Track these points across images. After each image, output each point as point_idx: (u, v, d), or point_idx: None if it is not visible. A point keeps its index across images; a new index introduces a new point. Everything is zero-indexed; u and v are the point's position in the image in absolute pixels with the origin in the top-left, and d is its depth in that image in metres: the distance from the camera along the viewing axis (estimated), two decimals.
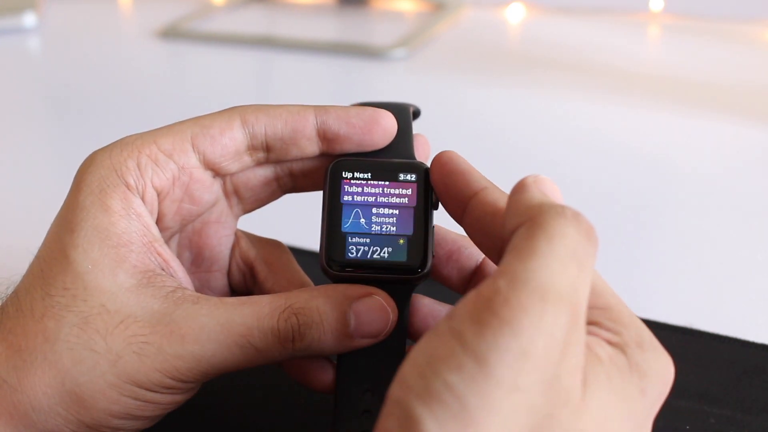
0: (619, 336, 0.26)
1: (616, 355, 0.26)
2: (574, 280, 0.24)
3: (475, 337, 0.22)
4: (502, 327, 0.22)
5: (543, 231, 0.25)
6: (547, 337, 0.23)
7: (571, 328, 0.23)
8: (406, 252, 0.32)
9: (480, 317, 0.23)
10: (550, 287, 0.23)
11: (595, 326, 0.26)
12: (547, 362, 0.23)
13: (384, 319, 0.32)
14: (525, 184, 0.28)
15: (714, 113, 0.71)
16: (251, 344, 0.30)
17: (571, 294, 0.24)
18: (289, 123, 0.33)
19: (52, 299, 0.31)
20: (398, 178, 0.33)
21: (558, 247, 0.24)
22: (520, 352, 0.22)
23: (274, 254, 0.37)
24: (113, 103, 0.80)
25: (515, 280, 0.23)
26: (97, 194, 0.32)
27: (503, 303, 0.23)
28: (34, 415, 0.30)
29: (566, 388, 0.23)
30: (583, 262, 0.25)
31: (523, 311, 0.23)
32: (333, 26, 1.02)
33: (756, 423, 0.37)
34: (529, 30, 0.97)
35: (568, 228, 0.25)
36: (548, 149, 0.68)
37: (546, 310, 0.23)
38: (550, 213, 0.25)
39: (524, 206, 0.27)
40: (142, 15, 1.07)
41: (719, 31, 0.91)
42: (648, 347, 0.26)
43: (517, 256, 0.24)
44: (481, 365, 0.22)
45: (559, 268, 0.24)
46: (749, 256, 0.52)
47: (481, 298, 0.23)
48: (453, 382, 0.22)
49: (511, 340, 0.22)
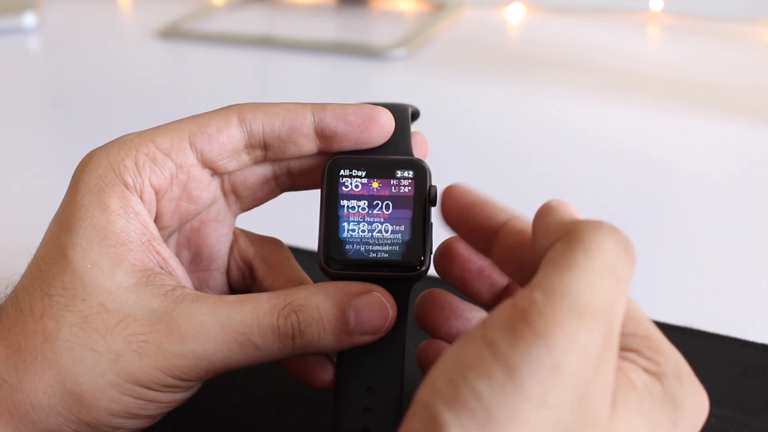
0: (658, 366, 0.26)
1: (651, 383, 0.25)
2: (611, 295, 0.24)
3: (507, 347, 0.22)
4: (536, 340, 0.22)
5: (581, 244, 0.24)
6: (581, 353, 0.22)
7: (605, 347, 0.23)
8: (405, 249, 0.32)
9: (514, 327, 0.23)
10: (587, 302, 0.23)
11: (634, 353, 0.26)
12: (579, 380, 0.22)
13: (383, 316, 0.32)
14: (552, 206, 0.28)
15: (714, 113, 0.71)
16: (251, 342, 0.30)
17: (607, 310, 0.23)
18: (287, 121, 0.33)
19: (51, 299, 0.31)
20: (396, 175, 0.33)
21: (596, 260, 0.24)
22: (552, 367, 0.22)
23: (273, 252, 0.37)
24: (113, 102, 0.80)
25: (552, 292, 0.23)
26: (95, 193, 0.32)
27: (538, 315, 0.23)
28: (35, 415, 0.30)
29: (595, 408, 0.23)
30: (621, 276, 0.24)
31: (558, 325, 0.22)
32: (333, 26, 1.02)
33: (756, 423, 0.37)
34: (529, 30, 0.97)
35: (606, 241, 0.25)
36: (548, 149, 0.68)
37: (582, 327, 0.23)
38: (588, 227, 0.25)
39: (557, 224, 0.26)
40: (142, 15, 1.07)
41: (719, 31, 0.91)
42: (685, 379, 0.26)
43: (555, 268, 0.24)
44: (512, 376, 0.22)
45: (597, 282, 0.24)
46: (749, 256, 0.52)
47: (517, 308, 0.23)
48: (481, 390, 0.22)
49: (544, 353, 0.22)
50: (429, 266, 0.33)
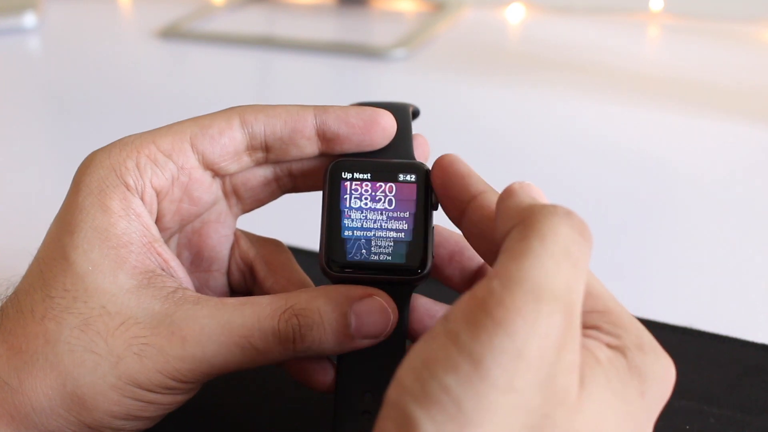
0: (619, 339, 0.26)
1: (615, 357, 0.26)
2: (568, 278, 0.24)
3: (470, 338, 0.22)
4: (497, 328, 0.22)
5: (535, 231, 0.25)
6: (542, 337, 0.23)
7: (566, 328, 0.23)
8: (406, 253, 0.32)
9: (475, 319, 0.23)
10: (545, 287, 0.23)
11: (595, 330, 0.26)
12: (542, 363, 0.23)
13: (384, 320, 0.32)
14: (512, 189, 0.28)
15: (714, 113, 0.71)
16: (252, 345, 0.30)
17: (565, 293, 0.24)
18: (289, 123, 0.33)
19: (52, 301, 0.31)
20: (398, 178, 0.33)
21: (551, 246, 0.24)
22: (515, 353, 0.22)
23: (274, 254, 0.37)
24: (113, 103, 0.80)
25: (509, 280, 0.23)
26: (97, 195, 0.32)
27: (497, 304, 0.23)
28: (35, 417, 0.30)
29: (562, 387, 0.23)
30: (578, 259, 0.25)
31: (517, 312, 0.23)
32: (333, 26, 1.02)
33: (756, 423, 0.37)
34: (529, 30, 0.97)
35: (560, 226, 0.25)
36: (548, 149, 0.68)
37: (540, 311, 0.23)
38: (542, 212, 0.25)
39: (515, 209, 0.27)
40: (142, 15, 1.07)
41: (719, 31, 0.91)
42: (648, 350, 0.26)
43: (511, 257, 0.24)
44: (477, 367, 0.22)
45: (553, 267, 0.24)
46: (749, 256, 0.52)
47: (476, 299, 0.23)
48: (449, 384, 0.22)
49: (506, 341, 0.22)
50: (430, 270, 0.33)
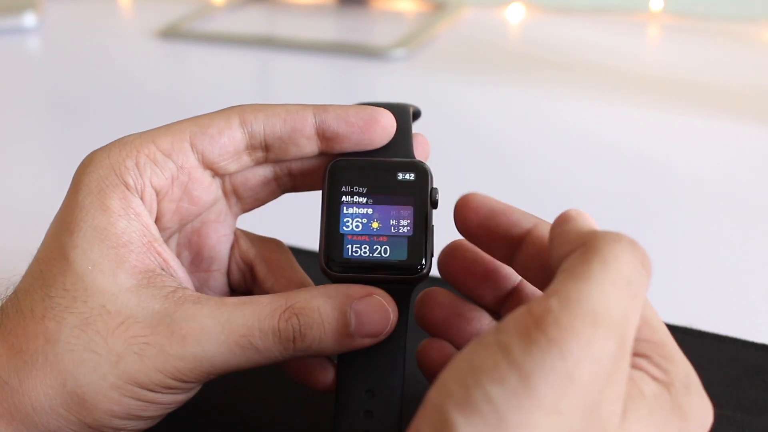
0: (667, 375, 0.26)
1: (660, 392, 0.26)
2: (626, 307, 0.24)
3: (522, 353, 0.22)
4: (551, 347, 0.22)
5: (599, 255, 0.24)
6: (594, 363, 0.23)
7: (618, 357, 0.23)
8: (406, 252, 0.32)
9: (529, 334, 0.23)
10: (602, 313, 0.23)
11: (645, 360, 0.26)
12: (591, 389, 0.22)
13: (385, 319, 0.32)
14: (570, 216, 0.28)
15: (714, 113, 0.71)
16: (252, 344, 0.30)
17: (621, 322, 0.23)
18: (288, 122, 0.33)
19: (52, 300, 0.31)
20: (397, 177, 0.33)
21: (613, 272, 0.24)
22: (565, 375, 0.22)
23: (274, 253, 0.37)
24: (113, 103, 0.80)
25: (568, 301, 0.23)
26: (96, 194, 0.32)
27: (554, 323, 0.23)
28: (36, 417, 0.30)
29: (605, 416, 0.23)
30: (637, 290, 0.24)
31: (573, 334, 0.22)
32: (333, 26, 1.02)
33: (756, 423, 0.37)
34: (529, 30, 0.97)
35: (623, 254, 0.25)
36: (548, 149, 0.68)
37: (596, 336, 0.23)
38: (606, 239, 0.25)
39: (576, 234, 0.26)
40: (142, 15, 1.07)
41: (719, 31, 0.91)
42: (693, 390, 0.26)
43: (570, 277, 0.24)
44: (525, 382, 0.22)
45: (612, 294, 0.24)
46: (749, 256, 0.52)
47: (532, 315, 0.23)
48: (494, 395, 0.22)
49: (558, 361, 0.22)
50: (430, 269, 0.33)
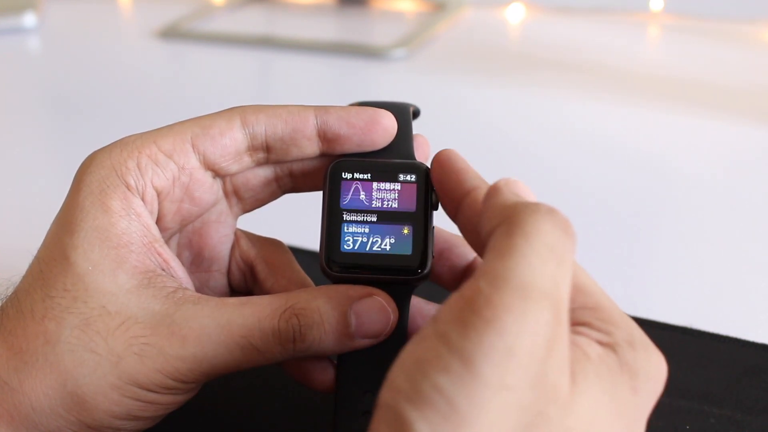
0: (610, 336, 0.26)
1: (606, 354, 0.26)
2: (554, 275, 0.24)
3: (460, 338, 0.23)
4: (486, 327, 0.23)
5: (519, 229, 0.25)
6: (532, 334, 0.23)
7: (555, 324, 0.24)
8: (406, 253, 0.32)
9: (464, 318, 0.23)
10: (531, 284, 0.23)
11: (586, 327, 0.26)
12: (533, 359, 0.23)
13: (384, 320, 0.32)
14: (497, 187, 0.28)
15: (714, 113, 0.71)
16: (252, 345, 0.30)
17: (552, 289, 0.24)
18: (290, 123, 0.33)
19: (52, 301, 0.31)
20: (398, 178, 0.33)
21: (536, 243, 0.24)
22: (505, 351, 0.22)
23: (274, 254, 0.37)
24: (113, 103, 0.80)
25: (496, 279, 0.23)
26: (97, 195, 0.32)
27: (485, 303, 0.23)
28: (35, 417, 0.30)
29: (554, 384, 0.23)
30: (562, 256, 0.25)
31: (505, 310, 0.23)
32: (333, 26, 1.02)
33: (756, 423, 0.37)
34: (529, 30, 0.97)
35: (544, 223, 0.25)
36: (548, 149, 0.68)
37: (528, 308, 0.23)
38: (525, 211, 0.25)
39: (499, 208, 0.27)
40: (142, 15, 1.07)
41: (719, 31, 0.91)
42: (639, 346, 0.26)
43: (496, 255, 0.24)
44: (468, 366, 0.22)
45: (538, 264, 0.24)
46: (749, 256, 0.52)
47: (464, 299, 0.24)
48: (441, 384, 0.22)
49: (496, 339, 0.22)
50: (430, 270, 0.33)
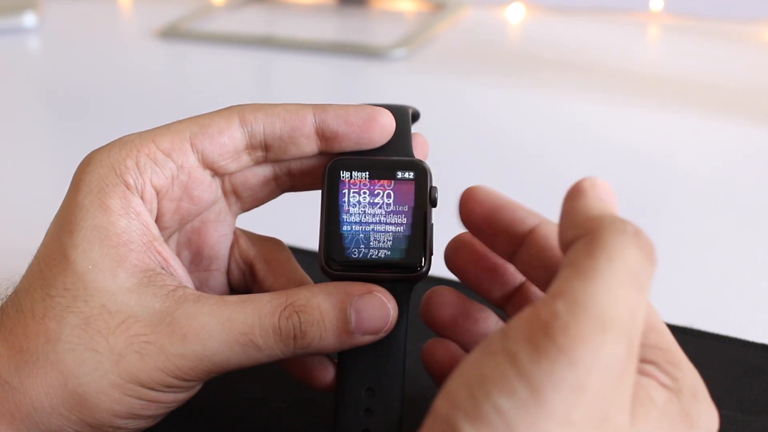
0: (676, 382, 0.26)
1: (670, 399, 0.25)
2: (632, 305, 0.23)
3: (530, 362, 0.22)
4: (560, 356, 0.22)
5: (603, 249, 0.24)
6: (604, 369, 0.22)
7: (627, 359, 0.23)
8: (405, 250, 0.32)
9: (537, 342, 0.22)
10: (611, 315, 0.23)
11: (653, 366, 0.26)
12: (602, 397, 0.22)
13: (385, 316, 0.32)
14: (582, 189, 0.27)
15: (714, 113, 0.71)
16: (253, 342, 0.31)
17: (629, 321, 0.23)
18: (288, 121, 0.33)
19: (52, 300, 0.31)
20: (396, 176, 0.33)
21: (619, 269, 0.23)
22: (576, 385, 0.22)
23: (274, 252, 0.37)
24: (113, 103, 0.80)
25: (575, 304, 0.23)
26: (96, 194, 0.32)
27: (562, 330, 0.22)
28: (37, 416, 0.30)
29: (615, 422, 0.23)
30: (643, 285, 0.24)
31: (582, 341, 0.22)
32: (333, 26, 1.02)
33: (756, 423, 0.37)
34: (529, 30, 0.97)
35: (629, 247, 0.24)
36: (548, 149, 0.68)
37: (605, 341, 0.22)
38: (611, 229, 0.24)
39: (582, 217, 0.26)
40: (142, 15, 1.07)
41: (719, 31, 0.90)
42: (701, 398, 0.26)
43: (576, 275, 0.23)
44: (535, 394, 0.22)
45: (619, 293, 0.23)
46: (749, 256, 0.52)
47: (539, 320, 0.23)
48: (504, 407, 0.22)
49: (568, 371, 0.22)
50: (429, 268, 0.33)
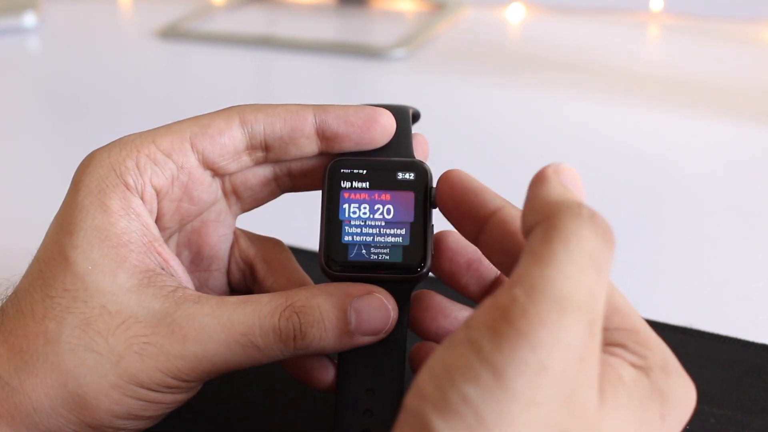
0: (644, 359, 0.26)
1: (639, 377, 0.25)
2: (591, 286, 0.24)
3: (492, 349, 0.22)
4: (520, 340, 0.22)
5: (559, 234, 0.24)
6: (566, 349, 0.22)
7: (589, 339, 0.23)
8: (405, 251, 0.32)
9: (497, 328, 0.23)
10: (568, 297, 0.23)
11: (621, 348, 0.26)
12: (566, 376, 0.22)
13: (385, 317, 0.32)
14: (545, 175, 0.27)
15: (714, 113, 0.71)
16: (253, 343, 0.30)
17: (588, 301, 0.23)
18: (288, 122, 0.33)
19: (52, 300, 0.31)
20: (397, 176, 0.33)
21: (575, 251, 0.24)
22: (538, 366, 0.22)
23: (274, 253, 0.37)
24: (113, 103, 0.80)
25: (533, 289, 0.23)
26: (96, 194, 0.32)
27: (521, 314, 0.22)
28: (36, 417, 0.30)
29: (582, 402, 0.23)
30: (601, 266, 0.24)
31: (541, 323, 0.22)
32: (333, 26, 1.02)
33: (756, 423, 0.37)
34: (529, 30, 0.97)
35: (584, 230, 0.24)
36: (548, 149, 0.68)
37: (564, 322, 0.22)
38: (567, 214, 0.25)
39: (542, 203, 0.26)
40: (142, 15, 1.07)
41: (719, 31, 0.90)
42: (672, 373, 0.26)
43: (534, 261, 0.24)
44: (499, 378, 0.22)
45: (576, 275, 0.23)
46: (749, 256, 0.52)
47: (499, 307, 0.23)
48: (470, 395, 0.22)
49: (529, 353, 0.22)
50: (430, 268, 0.33)
